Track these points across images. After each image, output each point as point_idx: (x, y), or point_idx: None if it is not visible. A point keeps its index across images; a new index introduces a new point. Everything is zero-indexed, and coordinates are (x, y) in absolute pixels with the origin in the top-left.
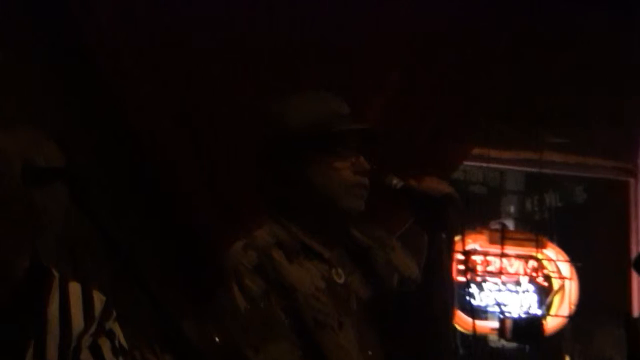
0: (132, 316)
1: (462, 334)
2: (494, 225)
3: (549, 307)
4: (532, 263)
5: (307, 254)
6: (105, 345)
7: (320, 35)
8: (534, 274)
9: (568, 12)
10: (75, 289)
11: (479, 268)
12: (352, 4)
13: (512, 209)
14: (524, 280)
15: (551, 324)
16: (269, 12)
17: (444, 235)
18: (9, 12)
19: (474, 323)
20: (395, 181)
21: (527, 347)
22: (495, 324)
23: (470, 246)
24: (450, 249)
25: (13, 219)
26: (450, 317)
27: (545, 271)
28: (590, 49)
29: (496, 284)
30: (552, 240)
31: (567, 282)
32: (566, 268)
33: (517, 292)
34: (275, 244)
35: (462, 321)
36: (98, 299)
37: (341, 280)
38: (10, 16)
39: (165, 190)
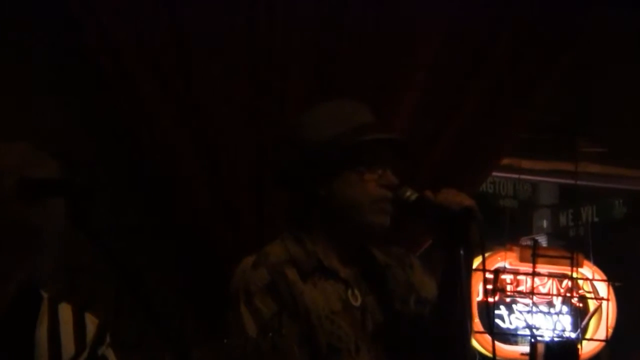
0: (133, 340)
1: (487, 358)
2: (525, 241)
3: (584, 330)
4: (567, 282)
5: (323, 273)
6: None
7: (321, 35)
8: (569, 295)
9: (568, 12)
10: (66, 311)
11: (509, 288)
12: (352, 4)
13: (545, 224)
14: (558, 301)
15: (587, 348)
16: (268, 12)
17: (462, 252)
18: (9, 12)
19: (493, 344)
20: (408, 193)
21: None
22: (526, 349)
23: (499, 264)
24: (470, 267)
25: (5, 226)
26: (468, 338)
27: (580, 291)
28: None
29: (527, 305)
30: (588, 258)
31: (604, 303)
32: (603, 288)
33: (550, 313)
34: (288, 260)
35: (488, 345)
36: (91, 323)
37: (357, 303)
38: (10, 16)
39: (165, 190)
